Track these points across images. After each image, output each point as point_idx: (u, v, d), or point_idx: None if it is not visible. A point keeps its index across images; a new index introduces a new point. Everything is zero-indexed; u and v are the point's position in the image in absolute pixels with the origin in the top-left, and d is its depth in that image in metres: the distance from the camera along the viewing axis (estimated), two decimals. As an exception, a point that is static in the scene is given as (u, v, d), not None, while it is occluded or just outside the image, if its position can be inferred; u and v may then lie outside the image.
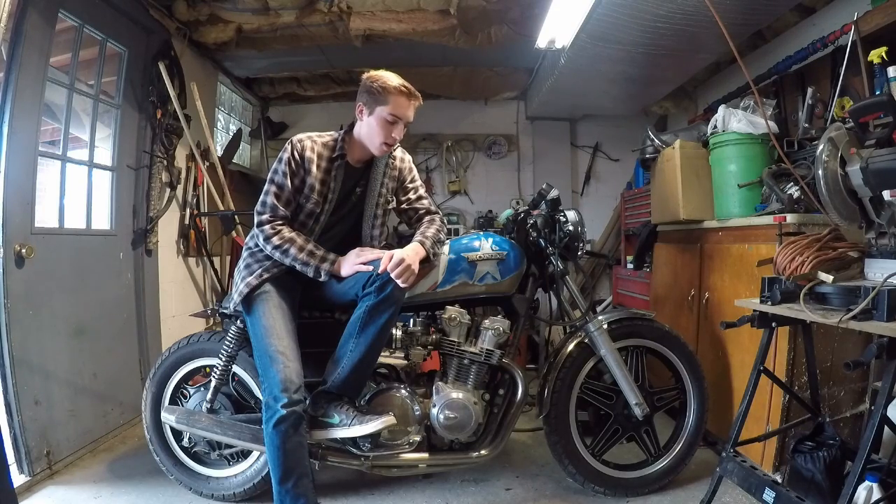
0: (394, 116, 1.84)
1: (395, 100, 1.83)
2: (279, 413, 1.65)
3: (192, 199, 3.36)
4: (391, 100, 1.83)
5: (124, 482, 2.19)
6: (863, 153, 1.51)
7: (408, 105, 1.86)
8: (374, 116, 1.85)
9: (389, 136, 1.86)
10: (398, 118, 1.85)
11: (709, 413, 2.14)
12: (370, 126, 1.86)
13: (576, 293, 2.12)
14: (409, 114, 1.88)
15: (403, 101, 1.85)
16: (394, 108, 1.83)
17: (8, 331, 2.04)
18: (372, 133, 1.86)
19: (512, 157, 4.78)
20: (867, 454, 1.33)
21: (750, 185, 2.27)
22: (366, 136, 1.89)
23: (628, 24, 2.50)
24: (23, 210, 2.13)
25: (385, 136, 1.85)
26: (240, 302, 1.86)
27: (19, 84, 2.08)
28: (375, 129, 1.85)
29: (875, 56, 1.84)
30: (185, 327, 2.93)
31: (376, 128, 1.85)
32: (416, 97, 1.89)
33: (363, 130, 1.89)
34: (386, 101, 1.83)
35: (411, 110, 1.88)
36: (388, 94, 1.83)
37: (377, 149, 1.89)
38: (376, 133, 1.86)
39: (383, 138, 1.86)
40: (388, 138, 1.86)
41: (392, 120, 1.84)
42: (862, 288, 1.39)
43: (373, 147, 1.89)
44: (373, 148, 1.89)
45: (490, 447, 1.98)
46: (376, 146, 1.88)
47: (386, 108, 1.83)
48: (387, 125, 1.84)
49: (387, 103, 1.83)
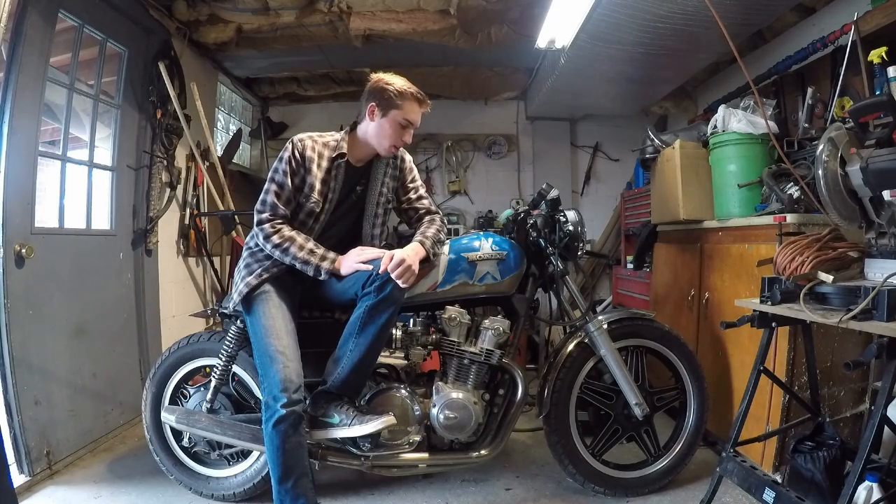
0: (407, 121, 1.90)
1: (409, 105, 1.90)
2: (279, 413, 1.66)
3: (192, 199, 3.36)
4: (406, 105, 1.89)
5: (124, 482, 2.19)
6: (863, 153, 1.51)
7: (419, 111, 1.93)
8: (387, 119, 1.89)
9: (399, 140, 1.92)
10: (410, 123, 1.91)
11: (709, 413, 2.14)
12: (381, 128, 1.90)
13: (576, 293, 2.12)
14: (419, 119, 1.94)
15: (416, 107, 1.92)
16: (407, 112, 1.90)
17: (8, 331, 2.04)
18: (383, 134, 1.91)
19: (512, 157, 4.78)
20: (867, 454, 1.33)
21: (750, 185, 2.28)
22: (374, 137, 1.92)
23: (628, 24, 2.50)
24: (23, 210, 2.13)
25: (395, 139, 1.91)
26: (240, 302, 1.87)
27: (19, 84, 2.08)
28: (388, 131, 1.90)
29: (875, 56, 1.84)
30: (185, 327, 2.93)
31: (388, 130, 1.90)
32: (427, 104, 1.95)
33: (372, 131, 1.92)
34: (401, 106, 1.89)
35: (420, 116, 1.94)
36: (405, 100, 1.89)
37: (385, 150, 1.93)
38: (387, 135, 1.90)
39: (393, 141, 1.91)
40: (398, 141, 1.92)
41: (405, 124, 1.91)
42: (862, 288, 1.39)
43: (381, 148, 1.93)
44: (381, 149, 1.93)
45: (490, 447, 1.98)
46: (385, 148, 1.92)
47: (400, 113, 1.89)
48: (399, 129, 1.90)
49: (402, 108, 1.89)
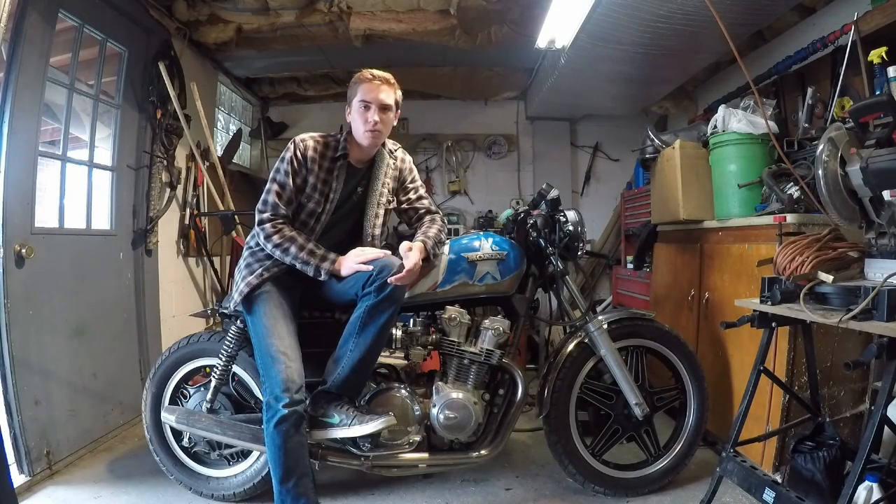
0: (364, 101, 1.90)
1: (362, 86, 1.92)
2: (280, 413, 1.66)
3: (192, 199, 3.36)
4: (359, 87, 1.93)
5: (124, 482, 2.19)
6: (863, 153, 1.50)
7: (375, 88, 1.91)
8: (352, 107, 1.94)
9: (367, 122, 1.90)
10: (369, 102, 1.90)
11: (709, 413, 2.14)
12: (353, 118, 1.94)
13: (576, 293, 2.12)
14: (381, 96, 1.91)
15: (368, 84, 1.91)
16: (363, 93, 1.91)
17: (8, 331, 2.04)
18: (355, 124, 1.94)
19: (512, 157, 4.78)
20: (867, 454, 1.33)
21: (750, 185, 2.28)
22: (354, 131, 1.95)
23: (628, 24, 2.50)
24: (23, 210, 2.13)
25: (363, 121, 1.91)
26: (240, 301, 1.87)
27: (19, 84, 2.08)
28: (356, 118, 1.93)
29: (875, 56, 1.84)
30: (185, 327, 2.93)
31: (356, 116, 1.93)
32: (381, 80, 1.93)
33: (352, 127, 1.96)
34: (357, 90, 1.93)
35: (382, 93, 1.92)
36: (357, 84, 1.94)
37: (362, 137, 1.93)
38: (357, 122, 1.93)
39: (362, 124, 1.91)
40: (366, 123, 1.90)
41: (365, 105, 1.90)
42: (862, 288, 1.39)
43: (359, 137, 1.94)
44: (359, 138, 1.94)
45: (490, 447, 1.98)
46: (361, 134, 1.93)
47: (357, 97, 1.92)
48: (362, 111, 1.91)
49: (358, 91, 1.93)
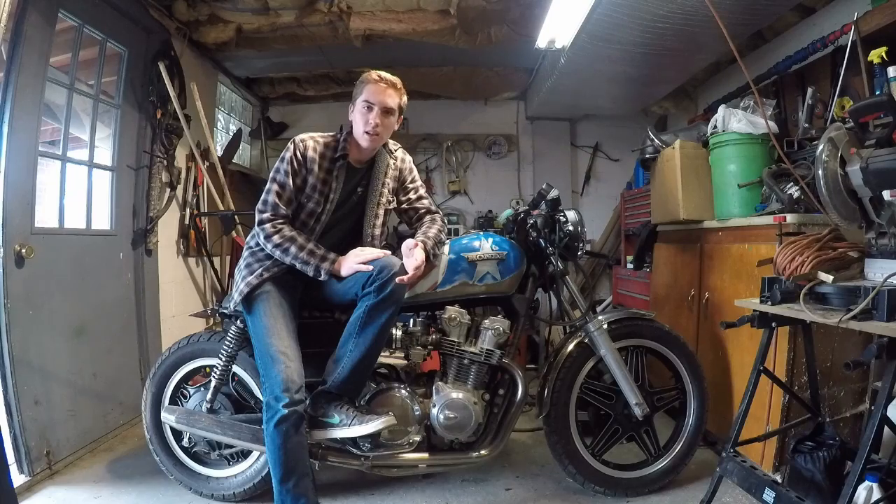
0: (368, 102, 1.90)
1: (367, 87, 1.92)
2: (281, 413, 1.66)
3: (192, 199, 3.36)
4: (365, 88, 1.92)
5: (124, 482, 2.19)
6: (863, 153, 1.50)
7: (381, 91, 1.91)
8: (355, 107, 1.93)
9: (367, 122, 1.90)
10: (373, 103, 1.90)
11: (709, 413, 2.14)
12: (354, 117, 1.94)
13: (576, 293, 2.12)
14: (384, 99, 1.91)
15: (374, 86, 1.91)
16: (367, 94, 1.91)
17: (8, 331, 2.04)
18: (356, 124, 1.93)
19: (512, 157, 4.78)
20: (867, 454, 1.33)
21: (750, 185, 2.28)
22: (354, 130, 1.94)
23: (628, 24, 2.50)
24: (23, 210, 2.13)
25: (363, 122, 1.90)
26: (240, 301, 1.87)
27: (19, 84, 2.08)
28: (357, 118, 1.92)
29: (875, 56, 1.84)
30: (185, 327, 2.92)
31: (357, 116, 1.92)
32: (388, 83, 1.93)
33: (353, 126, 1.95)
34: (362, 90, 1.93)
35: (386, 96, 1.91)
36: (364, 83, 1.93)
37: (361, 138, 1.92)
38: (358, 122, 1.92)
39: (362, 125, 1.91)
40: (367, 124, 1.90)
41: (368, 105, 1.90)
42: (862, 288, 1.39)
43: (359, 137, 1.93)
44: (359, 138, 1.93)
45: (490, 447, 1.98)
46: (360, 135, 1.92)
47: (361, 96, 1.92)
48: (364, 111, 1.90)
49: (363, 91, 1.92)
